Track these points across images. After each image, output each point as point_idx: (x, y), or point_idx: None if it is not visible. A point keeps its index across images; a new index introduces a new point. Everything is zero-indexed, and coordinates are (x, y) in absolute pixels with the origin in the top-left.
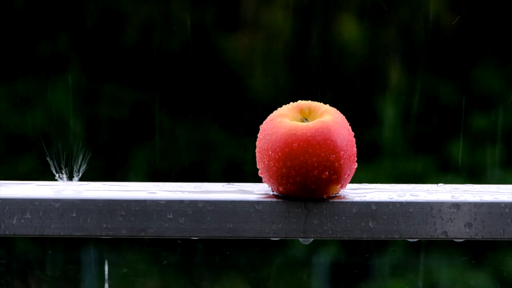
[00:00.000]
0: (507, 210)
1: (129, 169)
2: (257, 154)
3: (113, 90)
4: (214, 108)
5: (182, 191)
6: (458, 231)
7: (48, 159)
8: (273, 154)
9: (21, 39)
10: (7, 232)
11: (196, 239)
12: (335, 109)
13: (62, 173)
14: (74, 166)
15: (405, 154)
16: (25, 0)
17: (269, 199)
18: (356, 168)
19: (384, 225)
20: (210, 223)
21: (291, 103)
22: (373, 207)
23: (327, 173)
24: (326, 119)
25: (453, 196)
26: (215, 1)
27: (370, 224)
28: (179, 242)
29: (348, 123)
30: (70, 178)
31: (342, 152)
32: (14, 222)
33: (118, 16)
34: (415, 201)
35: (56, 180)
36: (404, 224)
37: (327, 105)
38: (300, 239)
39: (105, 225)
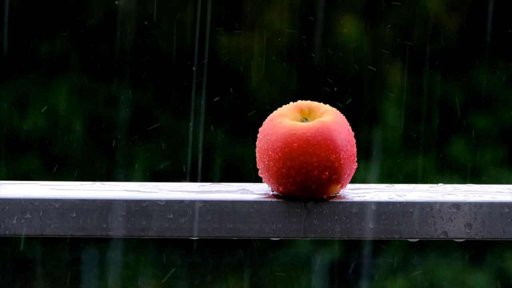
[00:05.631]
0: (507, 210)
1: (129, 169)
2: (257, 154)
3: (114, 90)
4: (215, 108)
5: (182, 191)
6: (458, 231)
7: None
8: (273, 154)
9: (21, 39)
10: (7, 232)
11: (196, 239)
12: (335, 109)
13: None
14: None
15: (405, 154)
16: None
17: (269, 199)
18: (356, 168)
19: (384, 225)
20: (210, 223)
21: (291, 103)
22: (373, 207)
23: (327, 173)
24: (326, 119)
25: (453, 196)
26: (215, 1)
27: (370, 224)
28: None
29: (348, 123)
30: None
31: (342, 152)
32: (14, 222)
33: (119, 16)
34: (415, 201)
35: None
36: (404, 224)
37: (327, 105)
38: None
39: (105, 225)
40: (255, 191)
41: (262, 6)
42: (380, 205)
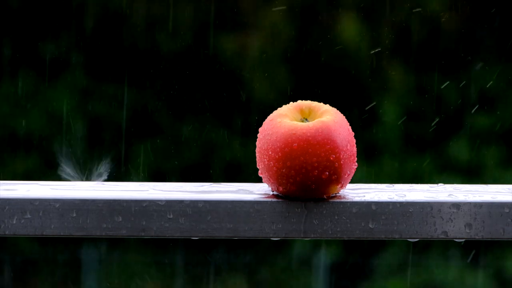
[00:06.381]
0: (507, 210)
1: (129, 169)
2: (257, 154)
3: (114, 90)
4: (215, 108)
5: (182, 191)
6: (458, 231)
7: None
8: (273, 154)
9: (21, 39)
10: (7, 232)
11: (196, 239)
12: (335, 109)
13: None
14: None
15: (405, 154)
16: None
17: (269, 199)
18: (356, 168)
19: (384, 225)
20: (210, 223)
21: (291, 103)
22: (373, 207)
23: (327, 173)
24: (326, 119)
25: (453, 196)
26: (215, 1)
27: (370, 224)
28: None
29: (348, 123)
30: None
31: (342, 152)
32: (14, 222)
33: (119, 16)
34: (415, 201)
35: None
36: (404, 224)
37: (327, 105)
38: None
39: (105, 225)
40: (255, 191)
41: (262, 5)
42: (380, 205)
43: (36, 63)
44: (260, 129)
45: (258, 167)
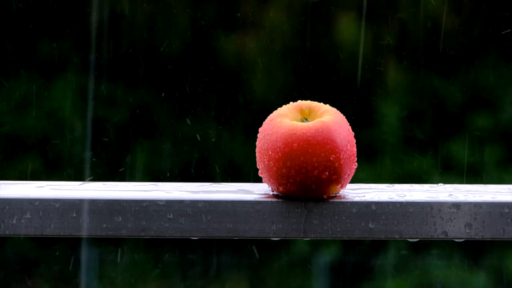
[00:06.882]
0: (507, 210)
1: (129, 169)
2: (257, 154)
3: (114, 90)
4: (214, 108)
5: (182, 191)
6: (458, 231)
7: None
8: (273, 154)
9: (21, 39)
10: (7, 232)
11: (196, 239)
12: (335, 109)
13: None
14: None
15: (405, 154)
16: None
17: (269, 199)
18: (356, 168)
19: (384, 225)
20: (210, 223)
21: (291, 103)
22: (373, 207)
23: (327, 173)
24: (326, 119)
25: (453, 196)
26: (215, 1)
27: (370, 224)
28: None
29: (348, 123)
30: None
31: (342, 152)
32: (14, 222)
33: (119, 16)
34: (415, 201)
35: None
36: (404, 224)
37: (327, 105)
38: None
39: (105, 225)
40: (255, 191)
41: (262, 5)
42: (380, 205)
43: (35, 62)
44: (260, 129)
45: (258, 167)
